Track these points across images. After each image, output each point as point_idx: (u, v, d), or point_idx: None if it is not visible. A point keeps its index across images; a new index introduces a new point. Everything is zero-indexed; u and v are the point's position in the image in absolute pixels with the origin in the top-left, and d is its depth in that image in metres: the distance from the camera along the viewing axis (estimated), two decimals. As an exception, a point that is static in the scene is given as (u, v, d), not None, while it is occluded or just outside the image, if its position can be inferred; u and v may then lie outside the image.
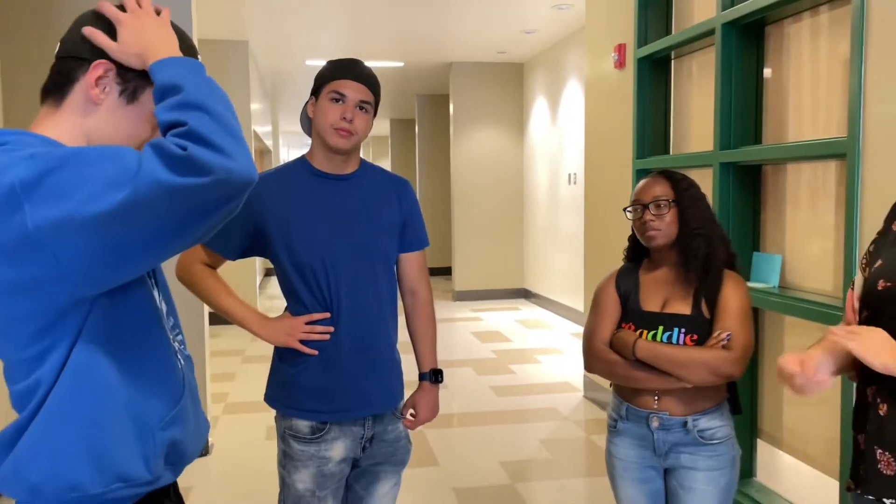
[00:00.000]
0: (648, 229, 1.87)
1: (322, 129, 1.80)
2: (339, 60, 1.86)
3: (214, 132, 0.89)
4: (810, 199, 2.95)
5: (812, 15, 2.91)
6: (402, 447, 1.96)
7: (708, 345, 1.79)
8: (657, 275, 1.94)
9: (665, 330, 1.84)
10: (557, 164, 8.01)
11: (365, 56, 8.32)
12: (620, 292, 1.95)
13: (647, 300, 1.91)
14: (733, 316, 1.81)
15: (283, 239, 1.80)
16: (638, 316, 1.89)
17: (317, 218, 1.81)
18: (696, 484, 1.86)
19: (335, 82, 1.79)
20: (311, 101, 1.85)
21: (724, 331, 1.79)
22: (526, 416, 4.59)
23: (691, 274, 1.85)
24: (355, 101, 1.79)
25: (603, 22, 4.38)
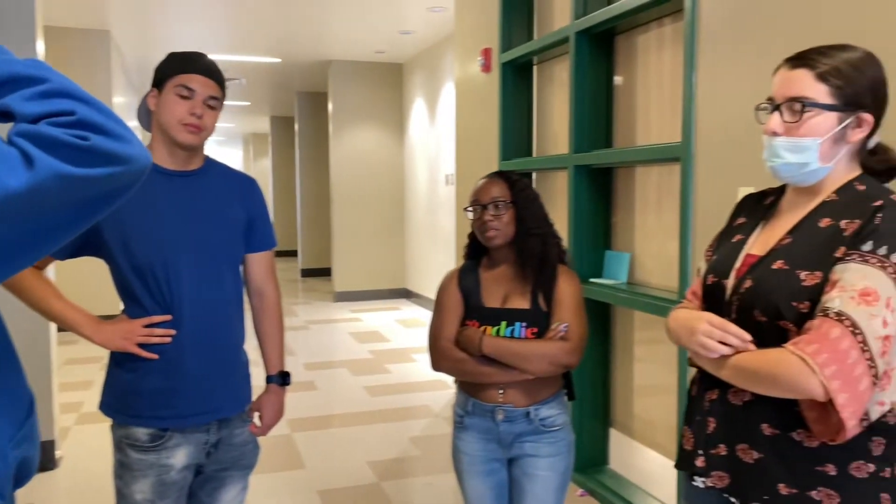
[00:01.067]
0: (488, 229, 1.94)
1: (168, 125, 1.73)
2: (185, 53, 1.79)
3: (106, 120, 0.86)
4: (656, 201, 3.13)
5: (658, 26, 3.09)
6: (249, 451, 1.92)
7: (547, 337, 1.89)
8: (497, 272, 2.00)
9: (507, 325, 1.91)
10: (435, 165, 8.10)
11: (241, 51, 8.11)
12: (462, 290, 2.01)
13: (488, 297, 1.97)
14: (568, 308, 1.91)
15: (120, 238, 1.71)
16: (481, 312, 1.95)
17: (156, 216, 1.73)
18: (539, 470, 1.94)
19: (182, 76, 1.73)
20: (152, 93, 1.77)
21: (561, 323, 1.89)
22: (398, 414, 4.61)
23: (528, 271, 1.94)
24: (204, 96, 1.74)
25: (471, 26, 4.46)
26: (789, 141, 1.29)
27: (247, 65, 8.86)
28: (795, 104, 1.28)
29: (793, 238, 1.31)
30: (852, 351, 1.14)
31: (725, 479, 1.35)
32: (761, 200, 1.48)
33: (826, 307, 1.18)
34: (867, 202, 1.25)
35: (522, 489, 1.97)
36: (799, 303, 1.24)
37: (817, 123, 1.27)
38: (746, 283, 1.32)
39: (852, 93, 1.27)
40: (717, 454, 1.35)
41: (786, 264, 1.28)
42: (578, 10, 3.24)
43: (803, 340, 1.18)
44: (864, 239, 1.20)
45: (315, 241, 11.23)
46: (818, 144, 1.27)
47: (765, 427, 1.29)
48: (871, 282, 1.16)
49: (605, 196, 3.37)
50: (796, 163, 1.29)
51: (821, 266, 1.23)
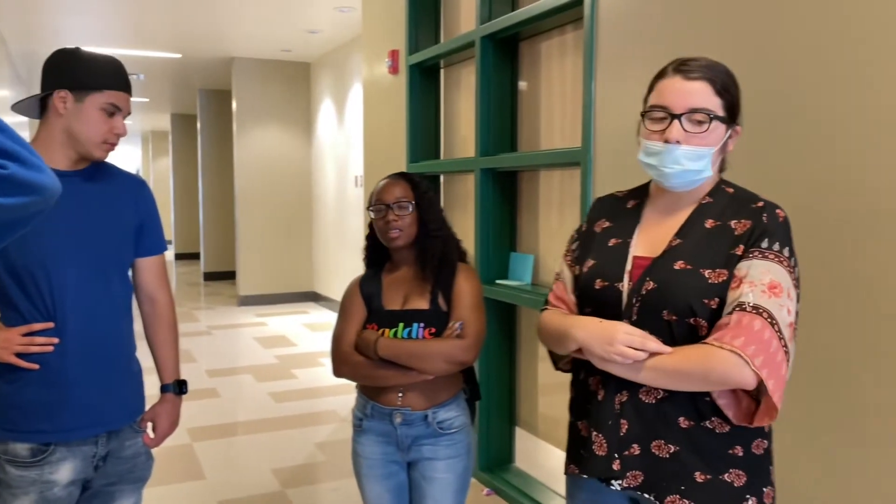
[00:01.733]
0: (391, 229, 1.94)
1: (88, 140, 1.66)
2: (108, 65, 1.69)
3: (21, 149, 0.86)
4: (559, 204, 3.21)
5: (560, 34, 3.16)
6: (141, 463, 1.83)
7: (443, 336, 1.89)
8: (398, 275, 2.01)
9: (405, 326, 1.91)
10: (344, 166, 8.01)
11: (138, 45, 7.76)
12: (364, 295, 2.00)
13: (388, 300, 1.97)
14: (465, 305, 1.91)
15: None
16: (380, 315, 1.95)
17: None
18: (437, 473, 1.95)
19: (111, 93, 1.67)
20: (61, 95, 1.64)
21: (458, 320, 1.89)
22: (304, 420, 4.53)
23: (428, 272, 1.94)
24: (126, 113, 1.71)
25: (378, 27, 4.44)
26: (691, 150, 1.35)
27: (145, 60, 8.50)
28: (698, 115, 1.34)
29: (682, 239, 1.38)
30: (773, 340, 1.24)
31: (640, 478, 1.38)
32: (621, 203, 1.53)
33: (741, 301, 1.26)
34: (747, 203, 1.36)
35: (422, 492, 1.98)
36: (709, 300, 1.31)
37: (714, 134, 1.36)
38: (648, 285, 1.36)
39: (735, 107, 1.39)
40: (630, 454, 1.38)
41: (687, 264, 1.34)
42: (483, 15, 3.28)
43: (727, 335, 1.25)
44: (760, 237, 1.31)
45: (218, 244, 10.88)
46: (712, 153, 1.37)
47: (681, 420, 1.35)
48: (774, 275, 1.27)
49: (511, 199, 3.42)
50: (694, 170, 1.36)
51: (724, 264, 1.32)
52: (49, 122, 1.68)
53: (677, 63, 1.39)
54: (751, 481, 1.34)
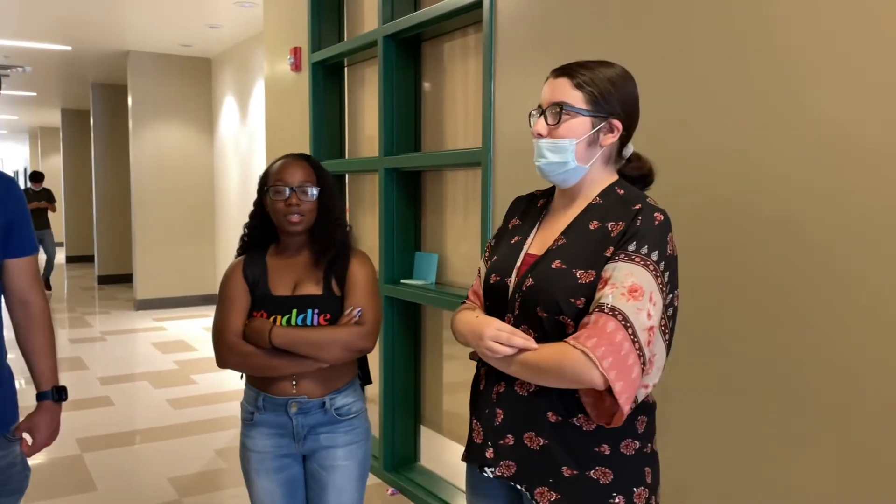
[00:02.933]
0: (293, 213, 1.85)
1: None
2: None
3: None
4: (463, 204, 3.24)
5: (462, 35, 3.20)
6: (17, 473, 1.73)
7: (341, 322, 1.83)
8: (287, 259, 1.92)
9: (299, 313, 1.84)
10: (248, 165, 7.82)
11: (24, 36, 7.30)
12: (248, 280, 1.90)
13: (277, 285, 1.88)
14: (362, 292, 1.86)
15: None
16: (269, 301, 1.86)
17: None
18: (337, 461, 1.90)
19: None
20: None
21: (355, 307, 1.84)
22: (204, 426, 4.38)
23: (323, 259, 1.88)
24: None
25: (280, 23, 4.36)
26: (550, 142, 1.42)
27: (32, 51, 8.01)
28: (556, 108, 1.41)
29: (566, 239, 1.42)
30: (625, 343, 1.26)
31: (512, 468, 1.42)
32: (533, 202, 1.59)
33: (601, 303, 1.29)
34: (628, 206, 1.39)
35: (322, 482, 1.91)
36: (576, 299, 1.34)
37: (573, 126, 1.41)
38: (528, 282, 1.41)
39: (604, 100, 1.41)
40: (505, 444, 1.43)
41: (563, 263, 1.38)
42: (386, 14, 3.27)
43: (583, 335, 1.28)
44: (629, 240, 1.33)
45: (114, 246, 10.38)
46: (574, 145, 1.41)
47: (549, 415, 1.38)
48: (637, 278, 1.29)
49: (415, 198, 3.43)
50: (557, 162, 1.42)
51: (594, 265, 1.35)
52: None
53: (563, 65, 1.46)
54: (619, 480, 1.36)
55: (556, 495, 1.36)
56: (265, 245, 1.97)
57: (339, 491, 1.91)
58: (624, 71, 1.45)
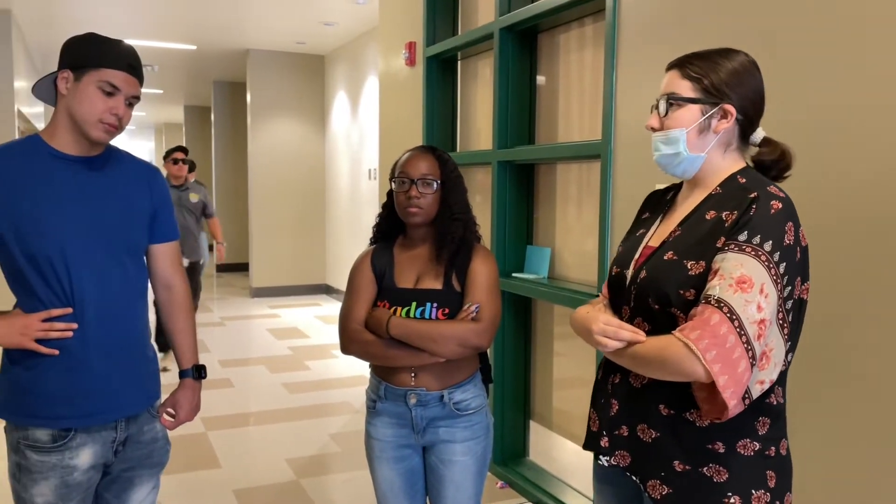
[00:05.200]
0: (412, 206, 1.87)
1: (84, 119, 1.62)
2: (110, 42, 1.66)
3: None
4: (576, 197, 3.19)
5: (579, 26, 3.14)
6: (159, 448, 1.84)
7: (458, 318, 1.83)
8: (412, 252, 1.94)
9: (418, 305, 1.85)
10: (358, 159, 8.02)
11: (153, 36, 7.78)
12: (376, 271, 1.93)
13: (401, 277, 1.91)
14: (481, 288, 1.86)
15: (13, 227, 1.59)
16: (392, 293, 1.89)
17: (55, 204, 1.63)
18: (456, 456, 1.91)
19: (108, 71, 1.62)
20: (64, 74, 1.63)
21: (473, 303, 1.84)
22: (318, 411, 4.54)
23: (444, 253, 1.89)
24: (127, 95, 1.65)
25: (395, 19, 4.43)
26: (662, 134, 1.41)
27: (159, 51, 8.53)
28: (666, 100, 1.41)
29: (682, 230, 1.40)
30: (730, 335, 1.22)
31: (627, 458, 1.42)
32: (664, 195, 1.57)
33: (707, 294, 1.26)
34: (745, 194, 1.33)
35: (440, 476, 1.93)
36: (685, 291, 1.32)
37: (681, 115, 1.39)
38: (642, 274, 1.41)
39: (713, 86, 1.37)
40: (620, 435, 1.44)
41: (675, 255, 1.36)
42: (503, 6, 3.26)
43: (688, 327, 1.26)
44: (741, 229, 1.28)
45: (232, 236, 10.90)
46: (684, 134, 1.38)
47: (661, 408, 1.37)
48: (747, 270, 1.24)
49: (528, 192, 3.41)
50: (670, 153, 1.41)
51: (704, 256, 1.32)
52: (57, 104, 1.67)
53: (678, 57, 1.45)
54: (735, 480, 1.32)
55: (668, 489, 1.35)
56: (395, 235, 2.00)
57: (457, 487, 1.92)
58: (745, 58, 1.40)
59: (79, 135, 1.65)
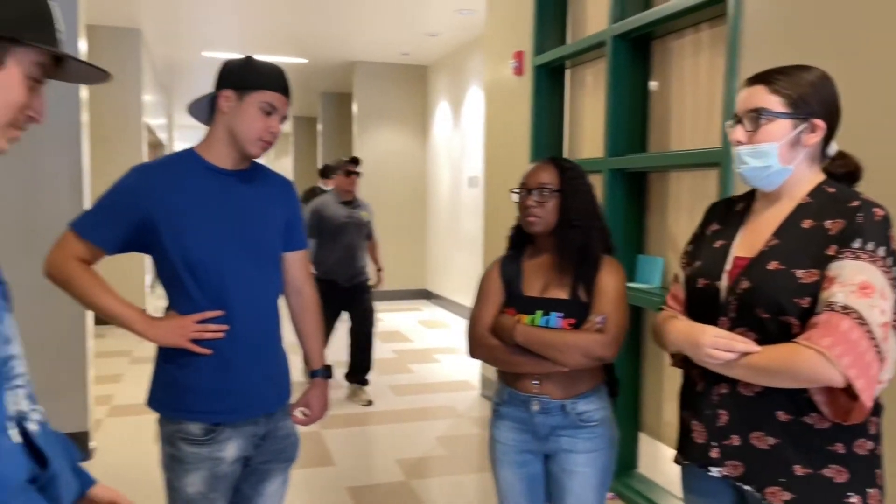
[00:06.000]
0: (529, 215, 1.92)
1: (244, 137, 1.76)
2: (270, 69, 1.80)
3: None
4: (688, 205, 3.13)
5: (694, 32, 3.09)
6: (291, 444, 1.95)
7: (583, 328, 1.84)
8: (539, 261, 1.98)
9: (543, 314, 1.88)
10: (459, 167, 8.12)
11: (267, 51, 8.17)
12: (504, 278, 1.98)
13: (528, 285, 1.95)
14: (608, 299, 1.87)
15: (174, 235, 1.73)
16: (519, 301, 1.93)
17: (210, 214, 1.76)
18: (577, 466, 1.92)
19: (269, 93, 1.75)
20: (226, 94, 1.76)
21: (599, 314, 1.85)
22: (423, 414, 4.63)
23: (567, 262, 1.91)
24: (282, 114, 1.79)
25: (502, 29, 4.48)
26: (750, 148, 1.45)
27: (273, 65, 8.93)
28: (753, 115, 1.44)
29: (780, 240, 1.43)
30: (862, 340, 1.27)
31: (740, 468, 1.44)
32: (731, 207, 1.61)
33: (831, 302, 1.30)
34: (844, 204, 1.39)
35: (561, 486, 1.94)
36: (800, 299, 1.35)
37: (772, 130, 1.43)
38: (743, 284, 1.43)
39: (802, 101, 1.43)
40: (730, 445, 1.45)
41: (781, 264, 1.39)
42: (616, 14, 3.25)
43: (815, 335, 1.29)
44: (853, 237, 1.33)
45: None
46: (776, 148, 1.43)
47: (779, 414, 1.39)
48: (866, 275, 1.29)
49: (639, 200, 3.37)
50: (759, 166, 1.44)
51: (816, 264, 1.35)
52: (216, 121, 1.81)
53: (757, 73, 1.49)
54: (854, 480, 1.36)
55: (790, 494, 1.37)
56: (525, 245, 2.04)
57: (577, 497, 1.93)
58: (822, 73, 1.46)
59: (235, 150, 1.79)
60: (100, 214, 1.76)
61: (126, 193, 1.75)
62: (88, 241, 1.74)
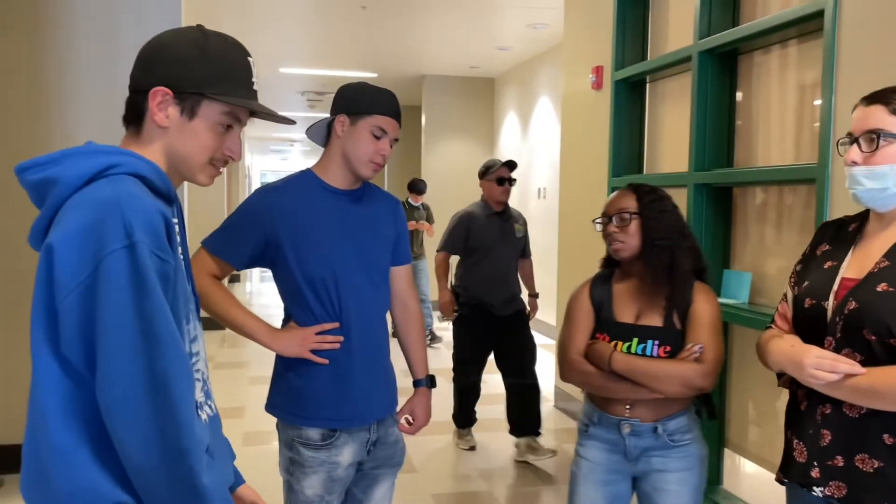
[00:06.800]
0: (613, 241, 1.96)
1: (356, 159, 1.86)
2: (381, 92, 1.90)
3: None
4: (775, 221, 3.11)
5: (781, 48, 3.08)
6: (400, 449, 2.03)
7: (680, 357, 1.86)
8: (629, 285, 1.99)
9: (640, 342, 1.90)
10: (527, 179, 8.16)
11: (339, 66, 8.40)
12: (594, 302, 2.01)
13: (620, 311, 1.97)
14: (705, 328, 1.88)
15: (296, 252, 1.84)
16: (612, 327, 1.95)
17: (328, 232, 1.87)
18: (669, 486, 1.93)
19: (381, 118, 1.85)
20: (340, 119, 1.87)
21: (696, 343, 1.85)
22: (499, 424, 4.67)
23: (658, 284, 1.91)
24: (392, 137, 1.88)
25: (580, 44, 4.53)
26: (867, 169, 1.42)
27: (346, 79, 9.13)
28: (871, 135, 1.41)
29: (890, 262, 1.41)
30: None
31: (843, 489, 1.43)
32: (843, 228, 1.59)
33: None
34: None
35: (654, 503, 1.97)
36: None
37: (891, 152, 1.40)
38: (851, 305, 1.41)
39: None
40: (833, 465, 1.44)
41: (890, 286, 1.37)
42: (703, 29, 3.26)
43: None
44: None
45: (402, 251, 11.43)
46: (894, 170, 1.40)
47: (886, 437, 1.38)
48: None
49: (725, 214, 3.36)
50: (876, 188, 1.42)
51: None
52: (331, 144, 1.92)
53: (873, 92, 1.46)
54: None
55: None
56: (614, 267, 2.06)
57: None
58: None
59: (348, 171, 1.89)
60: (228, 232, 1.88)
61: (251, 213, 1.88)
62: (219, 258, 1.87)
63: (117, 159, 1.04)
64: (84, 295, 0.94)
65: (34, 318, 0.99)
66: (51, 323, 0.97)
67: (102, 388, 0.95)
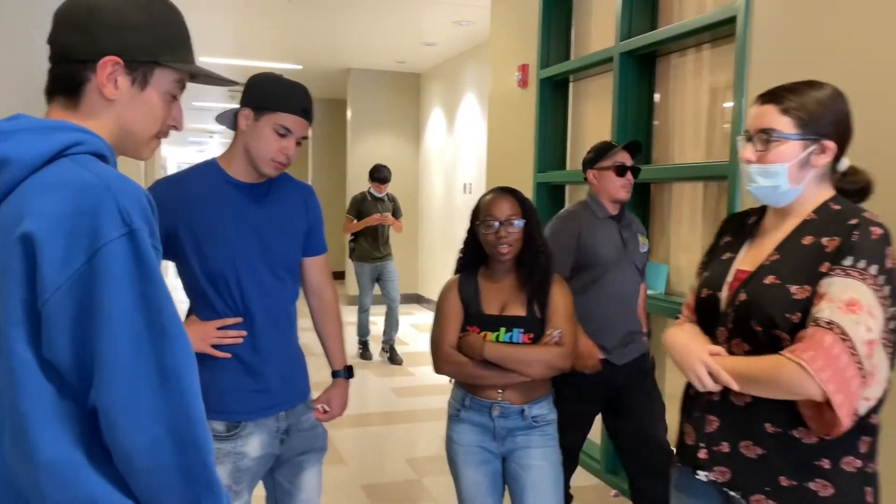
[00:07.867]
0: (503, 244, 2.07)
1: (258, 157, 1.80)
2: (289, 91, 1.83)
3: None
4: (689, 217, 3.29)
5: (696, 51, 3.26)
6: (320, 434, 2.04)
7: (542, 342, 2.06)
8: (496, 282, 2.15)
9: (507, 331, 2.08)
10: (453, 174, 8.25)
11: (263, 57, 8.25)
12: (463, 298, 2.15)
13: (487, 304, 2.13)
14: (562, 316, 2.10)
15: (196, 247, 1.80)
16: (481, 319, 2.11)
17: (230, 227, 1.82)
18: (533, 461, 2.11)
19: (287, 116, 1.79)
20: (245, 112, 1.81)
21: (556, 329, 2.07)
22: (427, 414, 4.75)
23: (528, 283, 2.11)
24: (298, 136, 1.83)
25: (506, 42, 4.62)
26: (760, 167, 1.47)
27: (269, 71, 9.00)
28: (763, 135, 1.46)
29: (780, 255, 1.46)
30: (843, 355, 1.29)
31: (727, 474, 1.48)
32: (745, 220, 1.64)
33: (817, 317, 1.33)
34: (843, 221, 1.41)
35: (520, 481, 2.11)
36: (791, 314, 1.38)
37: (783, 151, 1.44)
38: (741, 297, 1.46)
39: (813, 122, 1.44)
40: (719, 451, 1.49)
41: (777, 279, 1.42)
42: (623, 31, 3.40)
43: (799, 348, 1.32)
44: (845, 254, 1.35)
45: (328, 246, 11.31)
46: (786, 169, 1.44)
47: (767, 426, 1.43)
48: (855, 293, 1.31)
49: (643, 210, 3.52)
50: (769, 185, 1.46)
51: (809, 280, 1.38)
52: (236, 137, 1.87)
53: (768, 90, 1.50)
54: (839, 495, 1.38)
55: (773, 503, 1.41)
56: (477, 265, 2.19)
57: (538, 491, 2.10)
58: (834, 90, 1.47)
59: (251, 166, 1.84)
60: None
61: None
62: None
63: (77, 136, 0.95)
64: (75, 289, 0.86)
65: (8, 319, 0.88)
66: (32, 323, 0.88)
67: (101, 390, 0.88)
